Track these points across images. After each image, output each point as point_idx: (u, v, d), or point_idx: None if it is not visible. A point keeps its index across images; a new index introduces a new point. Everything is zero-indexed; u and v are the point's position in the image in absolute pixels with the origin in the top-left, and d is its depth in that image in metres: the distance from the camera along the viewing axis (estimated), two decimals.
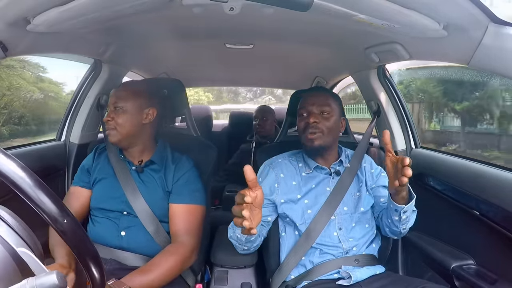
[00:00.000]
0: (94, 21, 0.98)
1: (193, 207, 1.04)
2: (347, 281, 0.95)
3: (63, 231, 0.46)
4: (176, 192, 1.04)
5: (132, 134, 1.05)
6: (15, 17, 0.79)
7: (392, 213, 0.95)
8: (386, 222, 1.01)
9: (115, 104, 1.03)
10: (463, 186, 1.07)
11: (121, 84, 1.16)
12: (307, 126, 1.02)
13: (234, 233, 0.95)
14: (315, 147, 1.02)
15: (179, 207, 1.03)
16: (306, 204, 1.04)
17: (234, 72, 2.30)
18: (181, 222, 1.01)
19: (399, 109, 1.41)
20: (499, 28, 0.70)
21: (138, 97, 1.06)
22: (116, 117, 1.02)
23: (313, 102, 1.04)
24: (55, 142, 1.43)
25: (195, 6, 0.94)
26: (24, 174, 0.43)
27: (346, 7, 0.85)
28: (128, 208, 1.02)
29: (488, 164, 1.04)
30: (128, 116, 1.03)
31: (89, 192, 1.09)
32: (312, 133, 1.01)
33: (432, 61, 1.12)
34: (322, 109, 1.03)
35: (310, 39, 1.33)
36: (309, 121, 1.01)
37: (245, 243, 0.96)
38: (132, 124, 1.04)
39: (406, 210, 0.91)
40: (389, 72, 1.42)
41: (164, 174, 1.06)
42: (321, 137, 1.01)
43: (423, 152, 1.34)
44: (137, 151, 1.08)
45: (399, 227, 0.97)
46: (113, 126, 1.02)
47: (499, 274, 0.94)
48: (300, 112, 1.06)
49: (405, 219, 0.94)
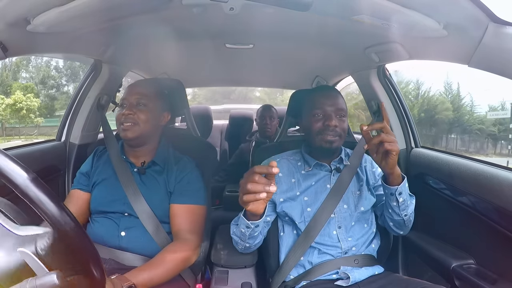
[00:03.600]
0: (94, 21, 0.98)
1: (195, 207, 1.04)
2: (346, 281, 0.95)
3: (63, 231, 0.46)
4: (178, 193, 1.04)
5: (149, 133, 1.05)
6: (15, 17, 0.79)
7: (390, 200, 0.96)
8: (388, 215, 1.01)
9: (139, 100, 1.02)
10: (463, 186, 1.07)
11: (144, 81, 1.15)
12: (327, 128, 1.00)
13: (238, 228, 0.94)
14: (332, 149, 1.03)
15: (182, 207, 1.03)
16: (306, 201, 1.04)
17: (234, 72, 2.30)
18: (183, 222, 1.01)
19: (399, 109, 1.41)
20: (499, 28, 0.70)
21: (161, 98, 1.08)
22: (138, 113, 1.01)
23: (331, 104, 1.02)
24: (55, 143, 1.43)
25: (195, 6, 0.94)
26: (26, 176, 0.43)
27: (346, 7, 0.86)
28: (129, 210, 1.02)
29: (488, 164, 1.04)
30: (151, 114, 1.03)
31: (88, 195, 1.08)
32: (332, 135, 1.00)
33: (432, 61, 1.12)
34: (339, 112, 1.02)
35: (310, 39, 1.33)
36: (330, 123, 0.99)
37: (248, 238, 0.96)
38: (152, 124, 1.04)
39: (401, 192, 0.93)
40: (389, 72, 1.42)
41: (166, 175, 1.06)
42: (338, 140, 1.02)
43: (423, 152, 1.34)
44: (143, 151, 1.08)
45: (400, 214, 0.97)
46: (135, 121, 1.01)
47: (499, 274, 0.94)
48: (314, 112, 1.03)
49: (403, 203, 0.95)
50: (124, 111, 1.02)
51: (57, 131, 1.49)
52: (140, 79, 1.40)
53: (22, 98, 13.05)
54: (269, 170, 0.67)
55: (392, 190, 0.93)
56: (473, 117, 11.57)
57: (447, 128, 11.72)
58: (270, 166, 0.67)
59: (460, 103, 12.27)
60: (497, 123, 10.64)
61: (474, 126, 11.31)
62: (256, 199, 0.70)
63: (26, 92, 13.22)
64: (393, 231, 1.07)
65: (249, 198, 0.70)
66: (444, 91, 12.49)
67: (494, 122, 10.71)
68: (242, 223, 0.89)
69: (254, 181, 0.69)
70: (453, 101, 12.39)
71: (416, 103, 11.39)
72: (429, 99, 11.81)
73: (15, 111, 12.94)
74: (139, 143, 1.06)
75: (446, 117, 11.70)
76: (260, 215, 0.83)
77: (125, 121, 1.01)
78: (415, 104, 11.22)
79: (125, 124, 1.01)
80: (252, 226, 0.88)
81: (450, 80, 12.31)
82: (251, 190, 0.69)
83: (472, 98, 12.35)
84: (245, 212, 0.87)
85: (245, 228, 0.90)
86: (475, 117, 11.58)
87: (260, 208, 0.77)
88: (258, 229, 0.92)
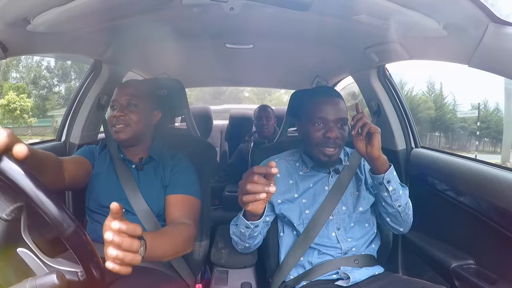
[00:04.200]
0: (94, 21, 0.98)
1: (190, 198, 1.03)
2: (346, 281, 0.95)
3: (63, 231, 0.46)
4: (172, 184, 1.04)
5: (141, 133, 1.06)
6: (15, 17, 0.79)
7: (381, 190, 0.95)
8: (383, 209, 0.99)
9: (129, 100, 1.03)
10: (463, 186, 1.06)
11: (133, 81, 1.15)
12: (327, 141, 0.95)
13: (238, 228, 0.94)
14: (331, 162, 1.01)
15: (177, 197, 1.02)
16: (304, 203, 1.04)
17: (234, 72, 2.30)
18: (179, 210, 1.00)
19: (399, 109, 1.41)
20: (499, 27, 0.70)
21: (151, 97, 1.09)
22: (130, 114, 1.02)
23: (333, 112, 0.96)
24: (55, 143, 1.43)
25: (195, 6, 0.94)
26: (29, 181, 0.44)
27: (346, 7, 0.86)
28: (127, 206, 1.02)
29: (488, 164, 1.04)
30: (142, 114, 1.04)
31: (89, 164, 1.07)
32: (332, 148, 0.97)
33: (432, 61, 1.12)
34: (341, 121, 0.97)
35: (310, 39, 1.33)
36: (331, 135, 0.94)
37: (247, 239, 0.95)
38: (144, 123, 1.05)
39: (389, 180, 0.92)
40: (389, 72, 1.42)
41: (162, 170, 1.07)
42: (338, 152, 0.99)
43: (423, 152, 1.34)
44: (138, 150, 1.09)
45: (393, 205, 0.95)
46: (126, 123, 1.01)
47: (499, 274, 0.94)
48: (314, 120, 0.97)
49: (394, 192, 0.93)
50: (116, 113, 1.02)
51: (49, 131, 1.48)
52: (127, 80, 1.40)
53: (16, 98, 13.09)
54: (268, 171, 0.67)
55: (379, 178, 0.93)
56: (456, 116, 12.28)
57: (430, 126, 12.36)
58: (269, 166, 0.67)
59: (442, 102, 12.85)
60: (478, 121, 11.35)
61: (456, 125, 12.11)
62: (256, 200, 0.70)
63: (18, 93, 13.26)
64: (392, 229, 1.04)
65: (249, 199, 0.70)
66: (427, 91, 13.16)
67: (476, 120, 11.37)
68: (242, 223, 0.89)
69: (254, 181, 0.68)
70: (435, 100, 12.91)
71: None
72: (412, 99, 12.28)
73: (9, 112, 12.98)
74: (132, 143, 1.07)
75: (429, 116, 12.32)
76: (259, 215, 0.83)
77: (117, 123, 1.01)
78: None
79: (117, 126, 1.02)
80: (251, 226, 0.88)
81: (433, 80, 13.08)
82: (251, 190, 0.69)
83: (454, 97, 13.05)
84: (245, 212, 0.87)
85: (245, 228, 0.90)
86: (458, 116, 12.29)
87: (260, 208, 0.78)
88: (257, 229, 0.91)
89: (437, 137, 12.28)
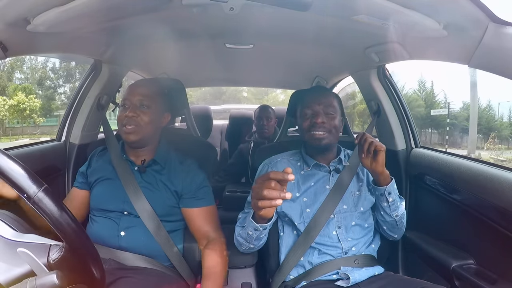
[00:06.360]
0: (94, 21, 0.98)
1: (211, 208, 1.07)
2: (346, 282, 0.95)
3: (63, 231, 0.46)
4: (190, 197, 1.05)
5: (150, 135, 1.05)
6: (15, 17, 0.79)
7: (381, 200, 1.01)
8: (381, 218, 1.05)
9: (142, 101, 1.02)
10: (463, 186, 1.07)
11: (146, 81, 1.15)
12: (314, 125, 1.02)
13: (245, 230, 0.95)
14: (321, 146, 1.03)
15: (201, 211, 1.05)
16: (305, 202, 1.04)
17: (234, 72, 2.30)
18: (207, 224, 1.04)
19: (399, 109, 1.41)
20: (499, 27, 0.70)
21: (162, 99, 1.08)
22: (142, 115, 1.00)
23: (319, 102, 1.04)
24: (55, 143, 1.43)
25: (195, 6, 0.94)
26: (26, 177, 0.44)
27: (346, 7, 0.86)
28: (129, 208, 1.01)
29: (488, 164, 1.04)
30: (153, 116, 1.03)
31: (84, 192, 1.09)
32: (320, 132, 1.01)
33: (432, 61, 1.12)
34: (327, 109, 1.03)
35: (310, 39, 1.33)
36: (317, 120, 1.01)
37: (254, 240, 0.96)
38: (154, 126, 1.04)
39: (390, 191, 0.99)
40: (389, 72, 1.42)
41: (168, 174, 1.06)
42: (328, 137, 1.03)
43: (423, 152, 1.34)
44: (143, 152, 1.08)
45: (391, 214, 1.01)
46: (137, 123, 1.00)
47: (499, 274, 0.94)
48: (304, 112, 1.06)
49: (393, 203, 1.00)
50: (128, 113, 1.00)
51: (56, 130, 1.49)
52: (141, 79, 1.39)
53: (25, 99, 13.57)
54: (284, 177, 0.67)
55: (381, 190, 0.99)
56: (447, 113, 12.95)
57: (421, 123, 13.04)
58: (285, 172, 0.67)
59: (433, 100, 13.21)
60: (448, 118, 12.47)
61: (445, 122, 12.77)
62: (272, 206, 0.70)
63: (26, 93, 13.66)
64: (388, 235, 1.10)
65: (265, 204, 0.70)
66: (418, 89, 13.70)
67: (467, 117, 12.30)
68: (250, 225, 0.90)
69: (271, 187, 0.68)
70: (425, 99, 13.20)
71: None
72: (403, 96, 12.81)
73: (19, 112, 13.37)
74: (140, 144, 1.06)
75: (419, 113, 12.98)
76: (269, 218, 0.85)
77: (128, 123, 0.99)
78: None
79: (127, 126, 0.99)
80: (260, 229, 0.89)
81: (424, 78, 13.75)
82: (267, 196, 0.68)
83: (446, 95, 13.77)
84: (253, 215, 0.87)
85: (253, 230, 0.91)
86: (451, 113, 13.01)
87: (271, 213, 0.80)
88: (266, 231, 0.93)
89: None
